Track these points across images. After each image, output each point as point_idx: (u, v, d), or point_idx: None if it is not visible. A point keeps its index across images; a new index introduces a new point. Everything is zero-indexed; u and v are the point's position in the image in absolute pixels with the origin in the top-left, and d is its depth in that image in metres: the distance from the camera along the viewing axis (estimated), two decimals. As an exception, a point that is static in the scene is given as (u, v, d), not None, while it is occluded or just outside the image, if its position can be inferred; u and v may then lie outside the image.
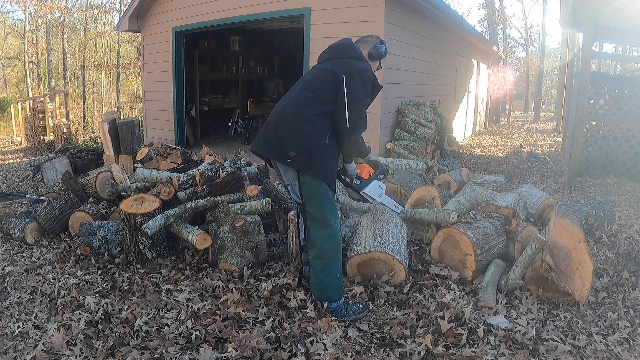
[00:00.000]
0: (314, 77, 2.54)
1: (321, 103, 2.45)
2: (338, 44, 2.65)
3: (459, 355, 2.16)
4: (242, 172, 3.98)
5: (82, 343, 2.27)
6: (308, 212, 2.50)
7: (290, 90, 2.64)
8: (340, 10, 6.15)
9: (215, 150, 5.85)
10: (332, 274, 2.49)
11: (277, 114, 2.52)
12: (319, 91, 2.47)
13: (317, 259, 2.48)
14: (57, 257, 3.46)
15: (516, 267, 2.82)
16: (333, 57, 2.58)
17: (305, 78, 2.62)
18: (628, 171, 5.89)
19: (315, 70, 2.59)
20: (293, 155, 2.39)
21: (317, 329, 2.35)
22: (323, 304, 2.52)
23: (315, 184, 2.44)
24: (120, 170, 4.24)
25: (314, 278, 2.52)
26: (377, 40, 2.77)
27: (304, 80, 2.59)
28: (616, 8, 5.57)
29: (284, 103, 2.55)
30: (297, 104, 2.47)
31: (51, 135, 10.25)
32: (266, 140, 2.51)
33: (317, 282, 2.51)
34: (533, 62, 28.88)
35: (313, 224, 2.49)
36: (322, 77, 2.50)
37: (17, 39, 24.06)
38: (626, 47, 14.41)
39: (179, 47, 8.33)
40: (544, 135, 13.43)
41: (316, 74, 2.56)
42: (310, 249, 2.52)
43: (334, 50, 2.63)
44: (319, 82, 2.49)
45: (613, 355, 2.17)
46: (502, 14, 25.13)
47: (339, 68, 2.47)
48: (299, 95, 2.50)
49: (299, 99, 2.49)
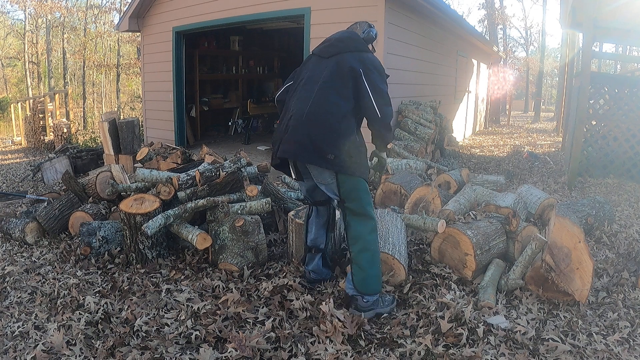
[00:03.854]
0: (332, 74, 2.50)
1: (345, 99, 2.47)
2: (345, 38, 2.64)
3: (459, 355, 2.16)
4: (242, 172, 3.98)
5: (82, 343, 2.27)
6: (348, 208, 2.49)
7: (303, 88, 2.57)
8: (340, 10, 6.15)
9: (215, 150, 5.85)
10: (376, 265, 2.51)
11: (305, 116, 2.44)
12: (340, 88, 2.47)
13: (362, 252, 2.47)
14: (57, 257, 3.46)
15: (516, 267, 2.83)
16: (342, 52, 2.55)
17: (319, 74, 2.55)
18: (628, 171, 5.89)
19: (329, 66, 2.54)
20: (332, 158, 2.38)
21: (322, 331, 2.35)
22: (364, 298, 2.48)
23: (354, 181, 2.48)
24: (120, 170, 4.24)
25: (359, 273, 2.48)
26: (365, 25, 2.80)
27: (321, 78, 2.52)
28: (616, 8, 5.58)
29: (307, 104, 2.47)
30: (325, 104, 2.44)
31: (51, 135, 10.26)
32: (301, 146, 2.43)
33: (363, 276, 2.48)
34: (533, 62, 28.88)
35: (354, 218, 2.49)
36: (339, 73, 2.49)
37: (17, 39, 24.07)
38: (626, 47, 14.40)
39: (179, 47, 8.33)
40: (544, 135, 13.43)
41: (332, 69, 2.51)
42: (352, 245, 2.50)
43: (342, 44, 2.60)
44: (339, 79, 2.48)
45: (613, 355, 2.17)
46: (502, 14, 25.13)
47: (354, 63, 2.49)
48: (323, 94, 2.46)
49: (325, 98, 2.45)
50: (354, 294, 2.51)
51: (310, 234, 2.84)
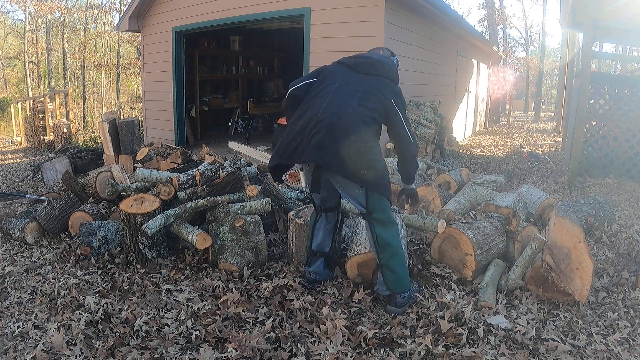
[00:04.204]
0: (372, 94, 2.50)
1: (377, 123, 2.51)
2: (386, 64, 2.65)
3: (459, 355, 2.16)
4: (242, 172, 3.98)
5: (82, 343, 2.27)
6: (375, 219, 2.51)
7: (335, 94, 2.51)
8: (340, 10, 6.15)
9: (215, 150, 5.85)
10: (405, 264, 2.61)
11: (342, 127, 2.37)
12: (376, 110, 2.48)
13: (393, 257, 2.52)
14: (57, 257, 3.46)
15: (516, 267, 2.83)
16: (382, 76, 2.59)
17: (355, 87, 2.53)
18: (628, 171, 5.89)
19: (368, 83, 2.54)
20: (363, 174, 2.39)
21: (322, 331, 2.35)
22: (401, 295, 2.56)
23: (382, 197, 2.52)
24: (120, 170, 4.24)
25: (392, 276, 2.53)
26: (388, 52, 2.86)
27: (359, 92, 2.50)
28: (616, 8, 5.58)
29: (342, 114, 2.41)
30: (363, 120, 2.43)
31: (51, 135, 10.25)
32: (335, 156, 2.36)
33: (396, 278, 2.54)
34: (533, 62, 28.88)
35: (380, 227, 2.51)
36: (379, 96, 2.50)
37: (17, 39, 24.06)
38: (626, 47, 14.40)
39: (179, 47, 8.34)
40: (544, 135, 13.43)
41: (372, 89, 2.52)
42: (382, 252, 2.52)
43: (382, 68, 2.61)
44: (377, 101, 2.49)
45: (613, 355, 2.17)
46: (502, 14, 25.14)
47: (387, 89, 2.54)
48: (361, 109, 2.44)
49: (363, 114, 2.43)
50: (390, 293, 2.59)
51: (316, 239, 2.84)
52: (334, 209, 2.82)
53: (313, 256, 2.85)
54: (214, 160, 4.93)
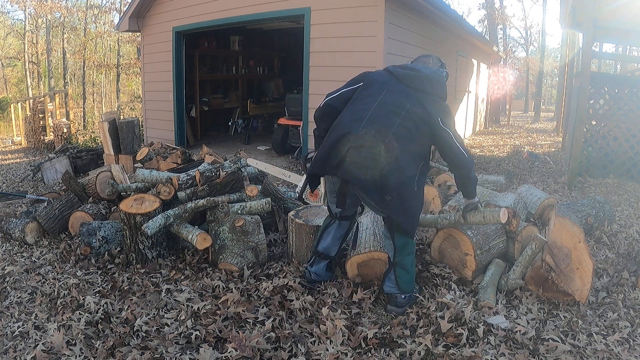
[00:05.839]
0: (413, 113, 2.39)
1: (420, 145, 2.43)
2: (435, 80, 2.51)
3: (459, 355, 2.16)
4: (242, 172, 3.98)
5: (82, 343, 2.27)
6: (397, 225, 2.51)
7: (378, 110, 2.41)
8: (340, 10, 6.15)
9: (215, 150, 5.86)
10: (414, 265, 2.68)
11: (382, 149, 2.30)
12: (418, 131, 2.39)
13: (409, 256, 2.58)
14: (57, 257, 3.46)
15: (516, 267, 2.83)
16: (427, 92, 2.46)
17: (400, 103, 2.42)
18: (628, 171, 5.89)
19: (412, 102, 2.42)
20: (388, 200, 2.36)
21: (322, 331, 2.35)
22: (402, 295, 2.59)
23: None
24: (120, 170, 4.24)
25: (405, 275, 2.57)
26: (439, 63, 2.71)
27: (403, 110, 2.39)
28: (616, 8, 5.57)
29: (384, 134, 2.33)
30: (401, 142, 2.34)
31: (51, 135, 10.25)
32: (368, 178, 2.32)
33: (409, 277, 2.59)
34: (533, 62, 28.87)
35: (398, 231, 2.54)
36: (419, 115, 2.39)
37: (17, 39, 24.05)
38: (626, 47, 14.41)
39: (179, 47, 8.33)
40: (544, 135, 13.43)
41: (414, 108, 2.40)
42: (399, 253, 2.55)
43: (431, 86, 2.49)
44: (416, 121, 2.39)
45: (613, 355, 2.17)
46: (502, 14, 25.11)
47: (433, 108, 2.42)
48: (401, 131, 2.35)
49: (403, 136, 2.35)
50: (395, 292, 2.60)
51: (323, 241, 2.83)
52: (348, 218, 2.81)
53: (317, 257, 2.84)
54: (214, 160, 4.93)
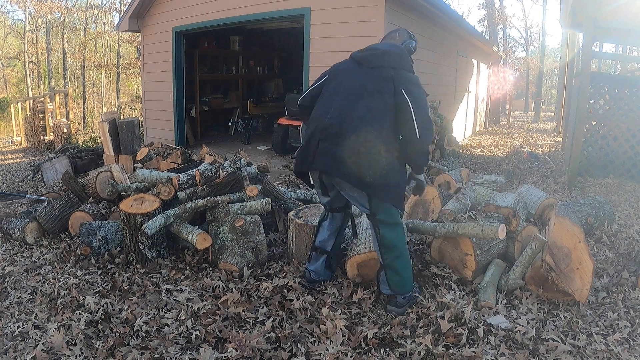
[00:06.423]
0: (376, 91, 2.40)
1: (389, 120, 2.40)
2: (394, 53, 2.51)
3: (459, 355, 2.16)
4: (242, 172, 3.98)
5: (82, 343, 2.27)
6: (379, 220, 2.48)
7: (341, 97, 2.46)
8: (340, 10, 6.15)
9: (215, 150, 5.85)
10: (409, 266, 2.58)
11: (346, 131, 2.35)
12: (384, 105, 2.39)
13: (398, 259, 2.51)
14: (57, 257, 3.45)
15: (516, 267, 2.83)
16: (388, 67, 2.46)
17: (361, 86, 2.45)
18: (628, 171, 5.89)
19: (373, 79, 2.44)
20: (369, 181, 2.35)
21: (322, 332, 2.35)
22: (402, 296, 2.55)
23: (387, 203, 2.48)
24: (120, 170, 4.24)
25: (395, 277, 2.52)
26: (406, 35, 2.69)
27: (364, 91, 2.43)
28: (616, 8, 5.58)
29: (347, 117, 2.38)
30: (368, 122, 2.36)
31: (51, 135, 10.25)
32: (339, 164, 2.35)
33: (400, 279, 2.53)
34: (533, 62, 28.87)
35: (386, 227, 2.49)
36: (385, 89, 2.40)
37: (17, 39, 24.04)
38: (626, 47, 14.40)
39: (179, 47, 8.34)
40: (544, 135, 13.43)
41: (376, 84, 2.42)
42: (386, 253, 2.51)
43: (390, 58, 2.49)
44: (384, 95, 2.39)
45: (613, 355, 2.17)
46: (502, 14, 25.12)
47: (397, 80, 2.41)
48: (366, 111, 2.38)
49: (368, 115, 2.37)
50: (391, 293, 2.58)
51: (320, 235, 2.84)
52: (340, 210, 2.80)
53: (314, 252, 2.85)
54: (214, 160, 4.92)
